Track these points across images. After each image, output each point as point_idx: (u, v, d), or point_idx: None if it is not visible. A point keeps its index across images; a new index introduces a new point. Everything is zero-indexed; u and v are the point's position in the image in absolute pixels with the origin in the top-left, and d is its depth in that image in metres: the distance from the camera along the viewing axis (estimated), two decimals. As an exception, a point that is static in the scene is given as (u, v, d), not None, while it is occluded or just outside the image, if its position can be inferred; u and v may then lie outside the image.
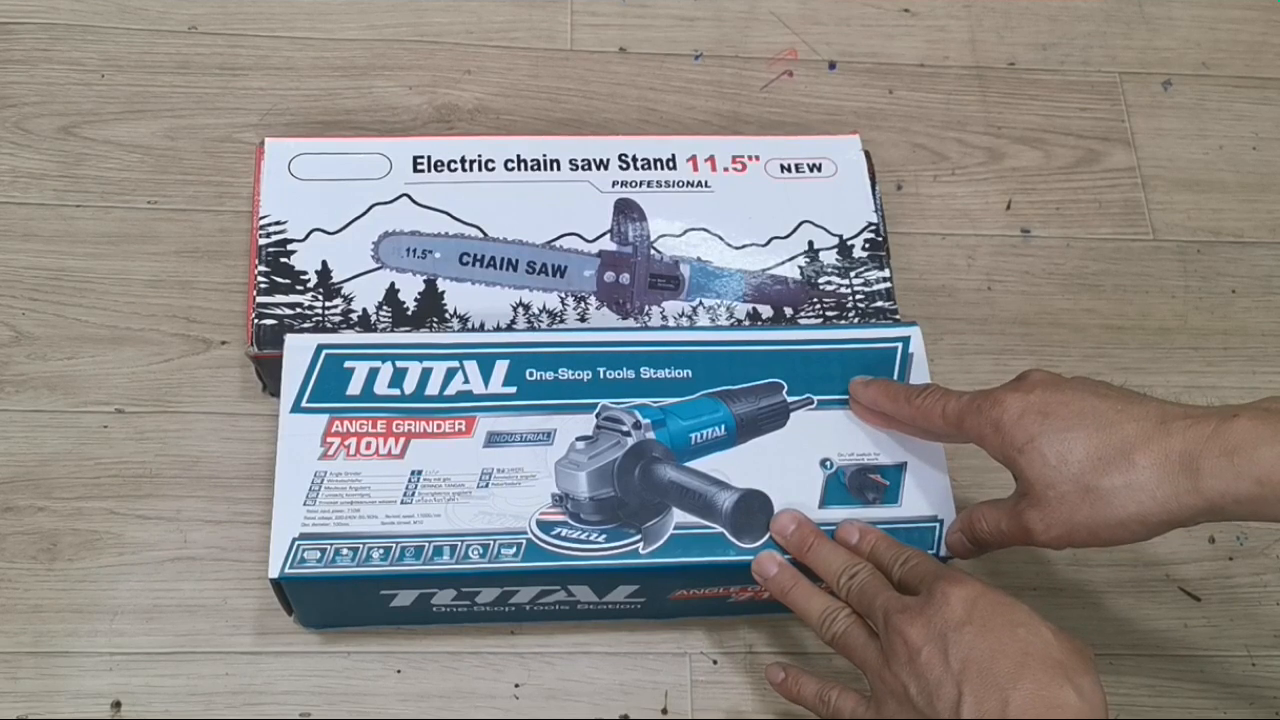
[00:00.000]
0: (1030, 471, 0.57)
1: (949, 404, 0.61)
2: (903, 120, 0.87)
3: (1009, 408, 0.58)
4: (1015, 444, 0.57)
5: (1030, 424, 0.57)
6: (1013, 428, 0.58)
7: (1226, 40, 0.94)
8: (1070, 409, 0.57)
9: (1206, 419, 0.55)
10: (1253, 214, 0.87)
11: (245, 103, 0.82)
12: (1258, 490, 0.53)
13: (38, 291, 0.75)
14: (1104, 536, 0.56)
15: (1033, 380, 0.59)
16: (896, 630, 0.55)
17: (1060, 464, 0.56)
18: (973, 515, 0.62)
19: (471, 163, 0.75)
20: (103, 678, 0.65)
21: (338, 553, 0.60)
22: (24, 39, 0.83)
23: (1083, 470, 0.56)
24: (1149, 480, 0.55)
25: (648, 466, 0.64)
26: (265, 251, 0.70)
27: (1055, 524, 0.57)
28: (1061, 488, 0.56)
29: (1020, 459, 0.57)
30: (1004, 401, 0.59)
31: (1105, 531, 0.56)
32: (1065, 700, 0.52)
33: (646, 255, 0.74)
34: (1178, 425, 0.55)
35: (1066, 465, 0.56)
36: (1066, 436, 0.56)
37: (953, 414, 0.61)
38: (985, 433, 0.59)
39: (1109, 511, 0.55)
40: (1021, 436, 0.57)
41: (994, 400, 0.59)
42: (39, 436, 0.71)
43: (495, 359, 0.66)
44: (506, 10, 0.88)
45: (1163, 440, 0.55)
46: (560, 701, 0.67)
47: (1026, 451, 0.57)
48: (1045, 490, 0.56)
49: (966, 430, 0.60)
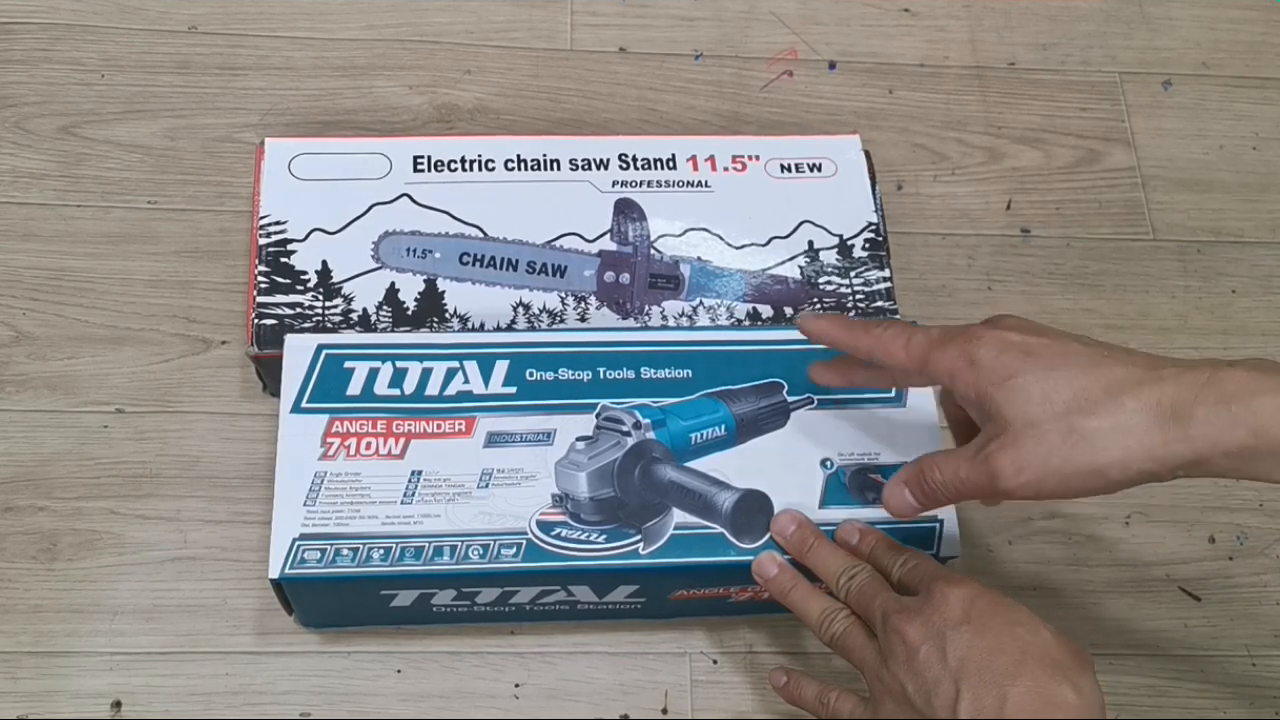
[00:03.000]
0: (1009, 409, 0.53)
1: (914, 336, 0.58)
2: (903, 120, 0.87)
3: (986, 342, 0.55)
4: (994, 379, 0.54)
5: (1011, 360, 0.54)
6: (992, 363, 0.54)
7: (1226, 40, 0.94)
8: (1055, 349, 0.54)
9: (1200, 368, 0.52)
10: (1253, 214, 0.87)
11: (245, 103, 0.82)
12: (1251, 442, 0.50)
13: (38, 291, 0.75)
14: (1075, 485, 0.53)
15: (1009, 321, 0.57)
16: (895, 630, 0.55)
17: (1044, 402, 0.53)
18: (923, 465, 0.58)
19: (471, 163, 0.75)
20: (103, 678, 0.65)
21: (338, 553, 0.60)
22: (24, 39, 0.83)
23: (1068, 409, 0.52)
24: (1137, 424, 0.52)
25: (648, 466, 0.64)
26: (265, 251, 0.70)
27: (1028, 467, 0.53)
28: (1043, 427, 0.53)
29: (998, 395, 0.54)
30: (981, 336, 0.55)
31: (1079, 479, 0.53)
32: (1063, 698, 0.52)
33: (646, 255, 0.74)
34: (1170, 371, 0.52)
35: (1050, 404, 0.53)
36: (1052, 375, 0.53)
37: (918, 347, 0.57)
38: (957, 367, 0.55)
39: (1089, 455, 0.52)
40: (1001, 372, 0.54)
41: (969, 335, 0.56)
42: (39, 436, 0.71)
43: (495, 359, 0.66)
44: (506, 10, 0.88)
45: (1154, 385, 0.52)
46: (560, 701, 0.67)
47: (1006, 388, 0.54)
48: (1024, 429, 0.53)
49: (933, 365, 0.56)
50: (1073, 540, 0.74)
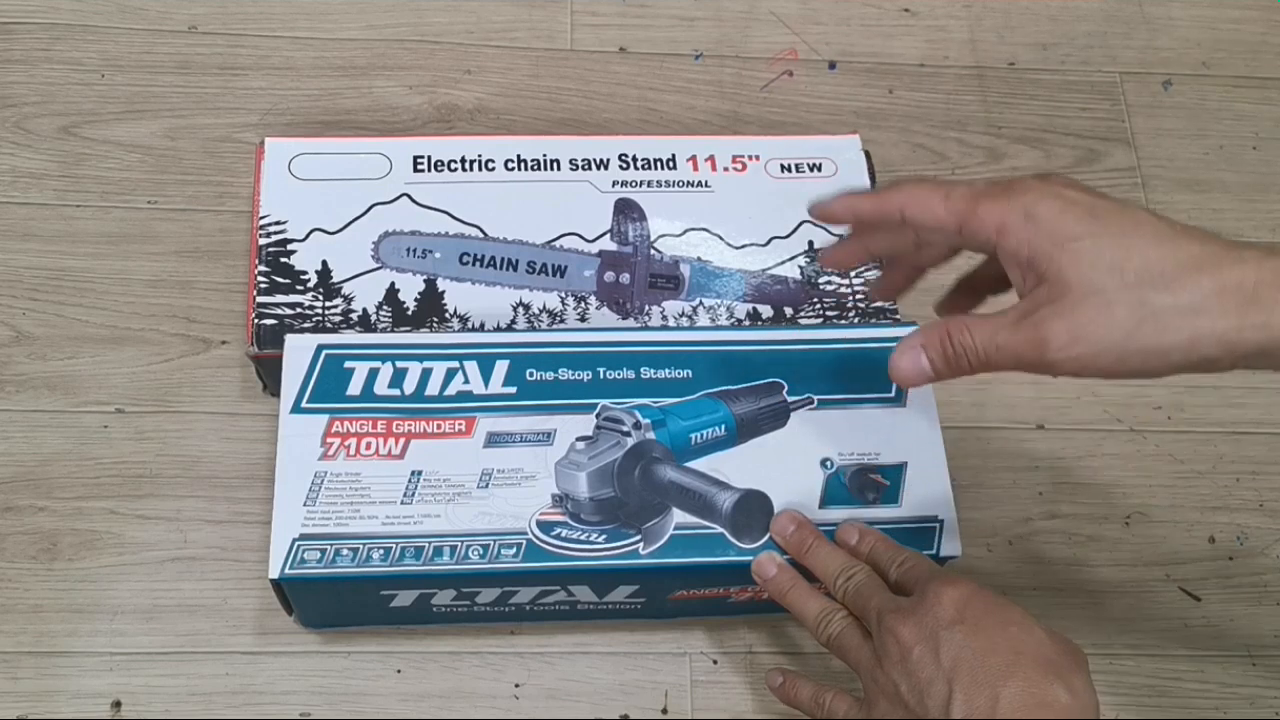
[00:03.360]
0: (1073, 272, 0.48)
1: (954, 189, 0.52)
2: (903, 120, 0.87)
3: (1046, 196, 0.50)
4: (1055, 238, 0.49)
5: (1076, 220, 0.49)
6: (1054, 220, 0.49)
7: (1226, 40, 0.94)
8: (1123, 216, 0.49)
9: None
10: (1253, 214, 0.87)
11: (245, 103, 0.82)
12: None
13: (38, 291, 0.75)
14: (1132, 364, 0.48)
15: (1063, 179, 0.51)
16: (889, 630, 0.55)
17: (1113, 270, 0.48)
18: (949, 326, 0.52)
19: (471, 163, 0.75)
20: (103, 678, 0.65)
21: (338, 553, 0.60)
22: (24, 39, 0.83)
23: (1140, 281, 0.48)
24: (1212, 306, 0.47)
25: (648, 466, 0.64)
26: (265, 251, 0.70)
27: (1085, 339, 0.48)
28: (1109, 296, 0.48)
29: (1061, 256, 0.48)
30: (1038, 190, 0.50)
31: (1137, 359, 0.48)
32: (1056, 698, 0.51)
33: (646, 255, 0.74)
34: (1252, 254, 0.48)
35: (1120, 273, 0.48)
36: (1124, 242, 0.48)
37: (960, 200, 0.52)
38: (1010, 221, 0.50)
39: (1155, 335, 0.48)
40: (1065, 231, 0.49)
41: (1023, 187, 0.50)
42: (39, 436, 0.71)
43: (495, 359, 0.66)
44: (506, 10, 0.88)
45: (1235, 266, 0.47)
46: (560, 701, 0.67)
47: (1070, 249, 0.48)
48: (1087, 296, 0.48)
49: (980, 219, 0.51)
50: (1073, 540, 0.74)
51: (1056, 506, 0.75)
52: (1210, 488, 0.76)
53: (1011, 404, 0.78)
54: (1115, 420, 0.78)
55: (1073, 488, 0.76)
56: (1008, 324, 0.50)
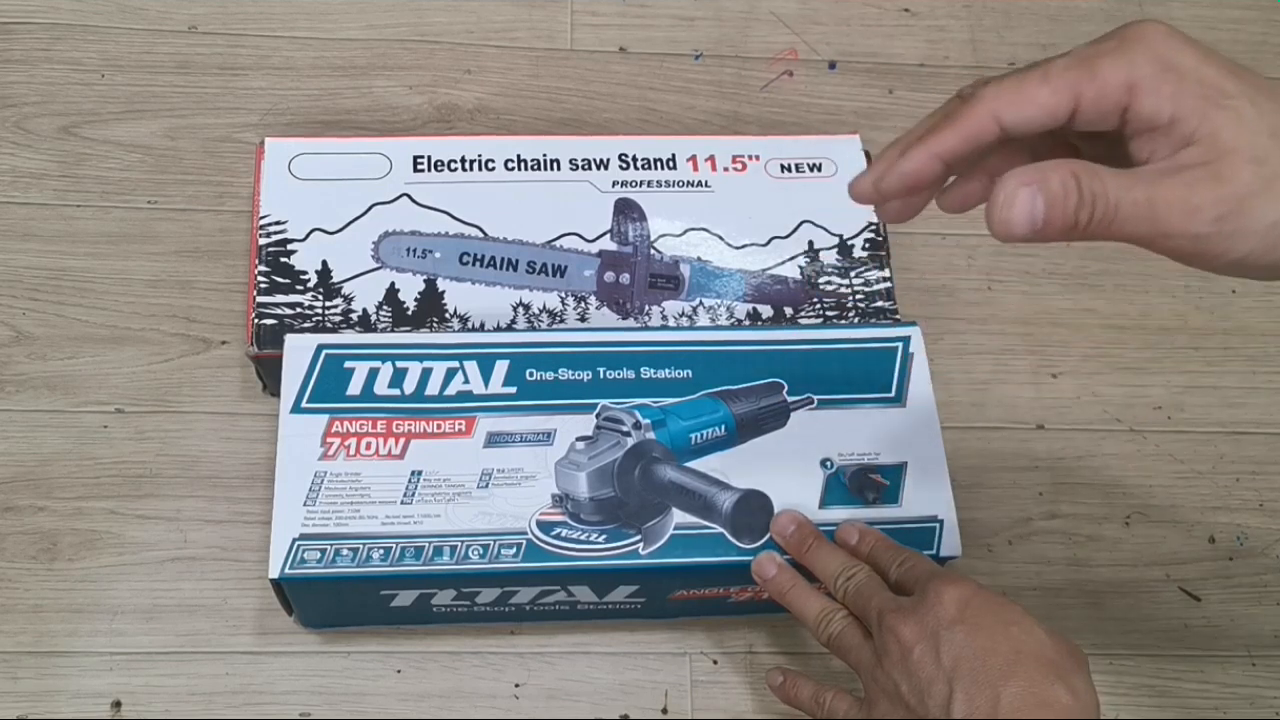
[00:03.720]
0: (1233, 134, 0.41)
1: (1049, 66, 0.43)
2: (903, 120, 0.87)
3: (1181, 47, 0.43)
4: (1206, 91, 0.42)
5: (1222, 75, 0.42)
6: (1199, 72, 0.42)
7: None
8: (1264, 79, 0.43)
9: None
10: (1253, 214, 0.87)
11: (245, 103, 0.82)
12: None
13: (38, 291, 0.75)
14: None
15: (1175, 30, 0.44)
16: (889, 629, 0.55)
17: (1275, 136, 0.41)
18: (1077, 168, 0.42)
19: (471, 163, 0.75)
20: (103, 678, 0.65)
21: (338, 553, 0.60)
22: (24, 39, 0.83)
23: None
24: None
25: (648, 467, 0.64)
26: (265, 251, 0.70)
27: (1240, 212, 0.41)
28: (1275, 166, 0.41)
29: (1216, 115, 0.41)
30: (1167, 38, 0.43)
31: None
32: (1057, 698, 0.51)
33: (646, 255, 0.74)
34: None
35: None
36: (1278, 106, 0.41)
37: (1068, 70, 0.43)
38: (1143, 75, 0.42)
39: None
40: (1217, 85, 0.42)
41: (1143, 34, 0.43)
42: (39, 436, 0.71)
43: (495, 359, 0.66)
44: (506, 10, 0.88)
45: None
46: (560, 701, 0.67)
47: (1230, 109, 0.41)
48: (1248, 164, 0.41)
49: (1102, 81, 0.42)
50: (1073, 540, 0.74)
51: (1056, 506, 0.75)
52: (1210, 488, 0.76)
53: (1011, 404, 0.78)
54: (1115, 420, 0.78)
55: (1073, 488, 0.76)
56: (1148, 179, 0.42)
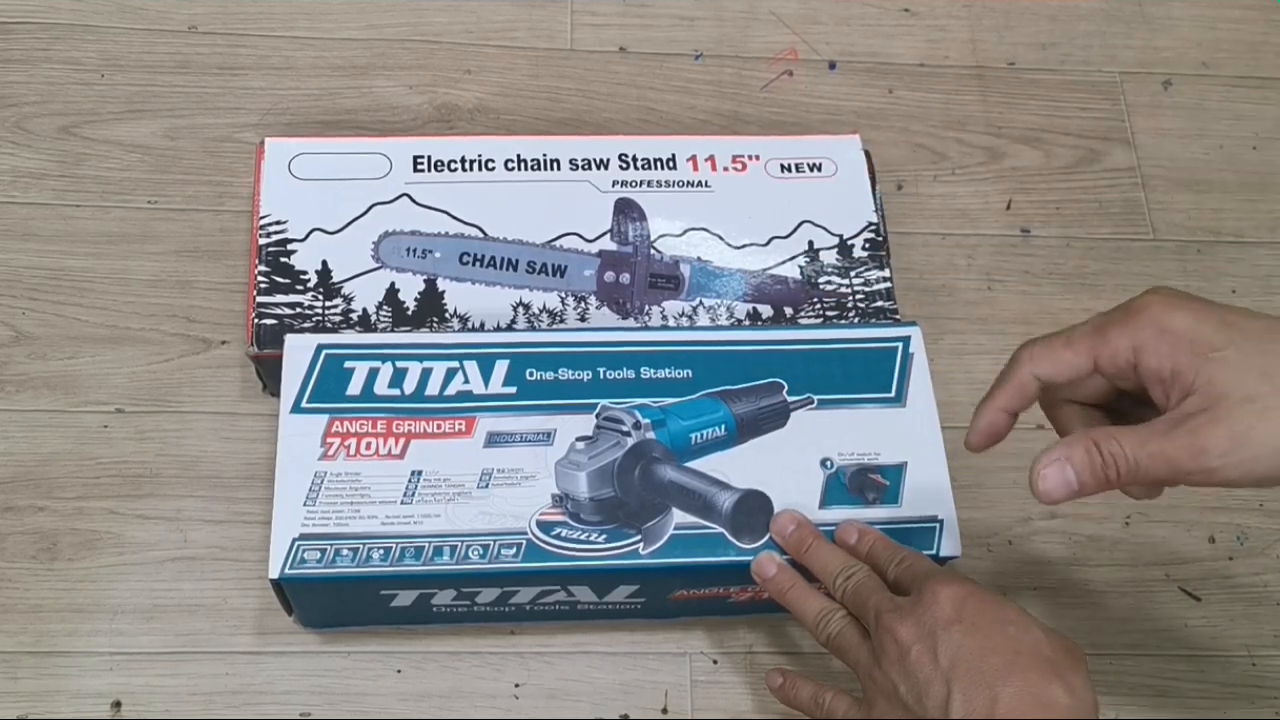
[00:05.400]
0: (1224, 382, 0.48)
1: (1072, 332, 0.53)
2: (903, 120, 0.87)
3: (1174, 309, 0.50)
4: (1197, 349, 0.49)
5: (1213, 330, 0.49)
6: (1191, 331, 0.50)
7: (1226, 40, 0.94)
8: (1256, 323, 0.50)
9: None
10: (1253, 214, 0.87)
11: (245, 103, 0.82)
12: None
13: (38, 291, 0.75)
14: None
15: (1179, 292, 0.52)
16: (887, 629, 0.55)
17: (1264, 377, 0.48)
18: (1096, 437, 0.51)
19: (471, 163, 0.75)
20: (103, 678, 0.65)
21: (338, 553, 0.60)
22: (24, 39, 0.83)
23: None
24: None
25: (648, 466, 0.64)
26: (265, 251, 0.70)
27: (1246, 444, 0.48)
28: (1266, 401, 0.48)
29: (1208, 367, 0.49)
30: (1163, 304, 0.51)
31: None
32: (1054, 698, 0.51)
33: (646, 255, 0.74)
34: None
35: (1271, 379, 0.48)
36: (1265, 348, 0.49)
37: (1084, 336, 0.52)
38: (1144, 340, 0.50)
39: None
40: (1206, 341, 0.49)
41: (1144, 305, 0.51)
42: (39, 436, 0.71)
43: (495, 359, 0.66)
44: (506, 10, 0.88)
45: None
46: (560, 701, 0.67)
47: (1218, 360, 0.49)
48: (1243, 404, 0.48)
49: (1111, 348, 0.51)
50: (1073, 540, 0.74)
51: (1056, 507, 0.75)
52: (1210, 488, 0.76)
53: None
54: (1115, 420, 0.78)
55: (1073, 488, 0.76)
56: (1159, 431, 0.50)
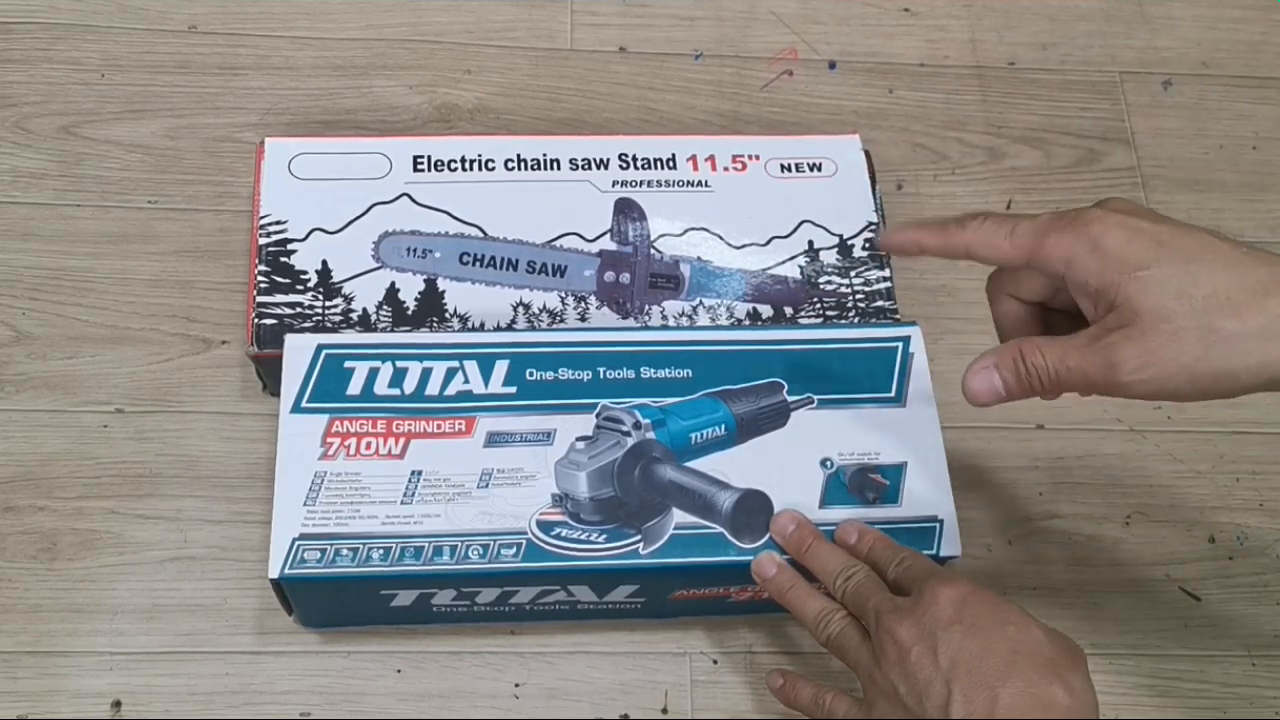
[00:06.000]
0: (1142, 300, 0.50)
1: (1019, 225, 0.54)
2: (903, 120, 0.87)
3: (1111, 226, 0.52)
4: (1123, 267, 0.51)
5: (1143, 249, 0.51)
6: (1121, 250, 0.51)
7: (1226, 40, 0.94)
8: (1190, 240, 0.51)
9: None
10: (1253, 214, 0.87)
11: (245, 102, 0.82)
12: None
13: (38, 291, 0.75)
14: (1203, 386, 0.50)
15: (1122, 203, 0.53)
16: (886, 630, 0.55)
17: (1180, 297, 0.50)
18: (1021, 347, 0.54)
19: (471, 162, 0.75)
20: (103, 677, 0.65)
21: (338, 553, 0.60)
22: (24, 39, 0.83)
23: (1208, 308, 0.49)
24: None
25: (648, 466, 0.64)
26: (265, 251, 0.71)
27: (1154, 363, 0.50)
28: (1179, 323, 0.50)
29: (1130, 285, 0.51)
30: (1103, 219, 0.52)
31: (1208, 381, 0.50)
32: (1055, 698, 0.51)
33: (646, 255, 0.74)
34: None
35: (1189, 300, 0.50)
36: (1190, 269, 0.50)
37: (1026, 235, 0.54)
38: (1077, 253, 0.52)
39: (1225, 359, 0.50)
40: (1132, 260, 0.51)
41: (1087, 218, 0.52)
42: (39, 436, 0.71)
43: (495, 359, 0.66)
44: (506, 10, 0.88)
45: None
46: (560, 701, 0.67)
47: (1139, 279, 0.50)
48: (1157, 324, 0.50)
49: (1046, 252, 0.53)
50: (1073, 540, 0.74)
51: (1056, 506, 0.75)
52: (1210, 488, 0.76)
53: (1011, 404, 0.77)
54: (1115, 420, 0.78)
55: (1072, 488, 0.76)
56: (1079, 345, 0.52)
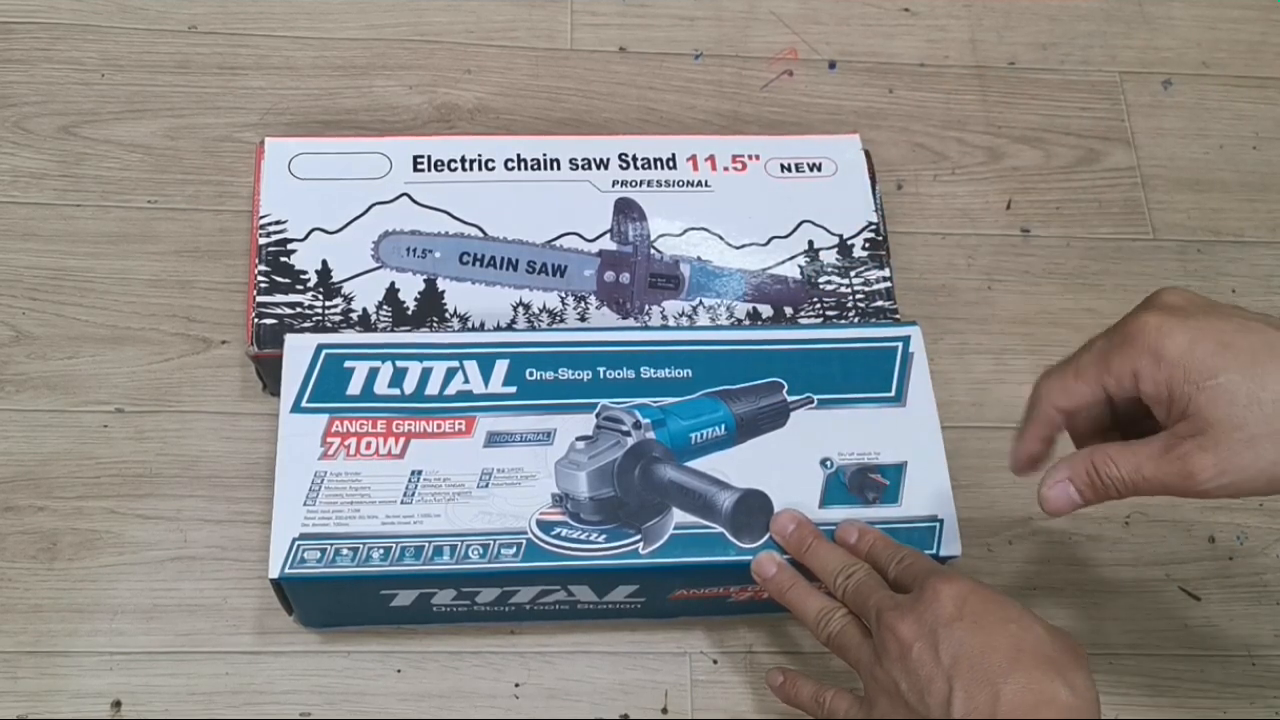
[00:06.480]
0: (1212, 411, 0.51)
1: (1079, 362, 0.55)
2: (903, 120, 0.87)
3: (1172, 336, 0.52)
4: (1190, 376, 0.51)
5: (1207, 355, 0.51)
6: (1184, 358, 0.51)
7: (1226, 40, 0.94)
8: (1252, 340, 0.51)
9: None
10: (1253, 214, 0.87)
11: (245, 102, 0.82)
12: None
13: (38, 291, 0.75)
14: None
15: (1174, 299, 0.54)
16: (888, 627, 0.55)
17: (1251, 404, 0.50)
18: (1094, 459, 0.54)
19: (471, 162, 0.75)
20: (103, 677, 0.65)
21: (338, 553, 0.60)
22: (24, 39, 0.83)
23: (1277, 411, 0.50)
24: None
25: (648, 466, 0.64)
26: (265, 251, 0.70)
27: (1232, 470, 0.51)
28: (1252, 430, 0.50)
29: (1199, 396, 0.51)
30: (1159, 327, 0.52)
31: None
32: (1056, 695, 0.51)
33: (646, 255, 0.74)
34: None
35: (1259, 406, 0.50)
36: (1257, 373, 0.50)
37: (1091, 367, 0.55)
38: (1141, 367, 0.52)
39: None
40: (1199, 370, 0.51)
41: (1141, 326, 0.53)
42: (39, 436, 0.71)
43: (495, 359, 0.66)
44: (506, 10, 0.88)
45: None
46: (560, 701, 0.67)
47: (1209, 389, 0.51)
48: (1230, 433, 0.50)
49: (1115, 378, 0.54)
50: (1073, 540, 0.74)
51: (1056, 506, 0.75)
52: (1207, 492, 0.76)
53: (1011, 404, 0.77)
54: (1115, 420, 0.78)
55: (1073, 487, 0.76)
56: (1153, 455, 0.53)
